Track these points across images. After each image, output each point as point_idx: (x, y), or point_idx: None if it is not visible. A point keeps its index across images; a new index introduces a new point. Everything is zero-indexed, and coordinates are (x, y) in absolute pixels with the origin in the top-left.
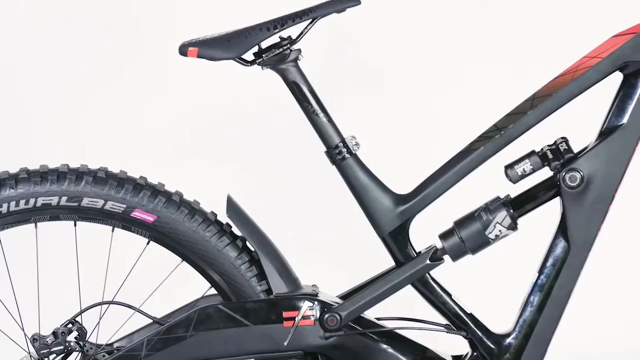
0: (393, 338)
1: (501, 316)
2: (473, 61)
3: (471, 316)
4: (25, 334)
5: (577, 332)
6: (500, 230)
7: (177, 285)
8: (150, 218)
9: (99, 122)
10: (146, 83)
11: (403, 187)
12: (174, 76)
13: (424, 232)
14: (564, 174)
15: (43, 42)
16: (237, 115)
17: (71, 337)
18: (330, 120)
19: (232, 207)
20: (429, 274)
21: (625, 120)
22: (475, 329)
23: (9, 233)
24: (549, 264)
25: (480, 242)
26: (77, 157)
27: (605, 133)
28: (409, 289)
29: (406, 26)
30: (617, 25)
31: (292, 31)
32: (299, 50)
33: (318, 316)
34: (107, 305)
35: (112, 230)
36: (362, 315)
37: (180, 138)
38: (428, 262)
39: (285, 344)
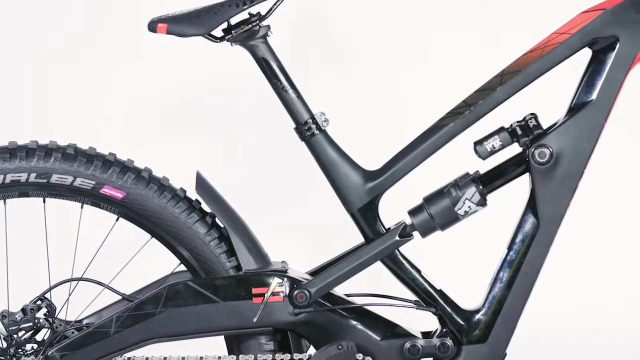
0: (362, 314)
1: (470, 292)
2: (441, 35)
3: (440, 292)
4: None
5: (546, 308)
6: (469, 207)
7: (147, 262)
8: (119, 194)
9: (68, 99)
10: (115, 59)
11: (372, 163)
12: (143, 53)
13: (394, 209)
14: (533, 150)
15: (9, 16)
16: (207, 91)
17: (40, 314)
18: (299, 96)
19: (202, 184)
20: (398, 251)
21: (594, 96)
22: (445, 305)
23: None
24: (518, 240)
25: (450, 218)
26: (46, 133)
27: (574, 109)
28: (378, 266)
29: (373, 1)
30: (587, 1)
31: (261, 7)
32: (268, 27)
33: (287, 292)
34: (76, 281)
35: (81, 207)
36: (331, 291)
37: (150, 115)
38: (397, 238)
39: (255, 320)
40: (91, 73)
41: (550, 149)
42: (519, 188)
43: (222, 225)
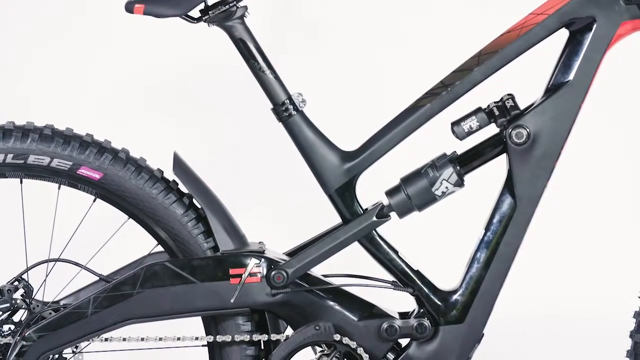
0: (340, 295)
1: (448, 273)
2: (417, 15)
3: (418, 273)
4: None
5: (523, 288)
6: (446, 187)
7: (124, 243)
8: (96, 175)
9: (45, 79)
10: (92, 40)
11: (350, 144)
12: (119, 33)
13: (371, 189)
14: (510, 130)
15: None
16: (184, 72)
17: (17, 295)
18: (276, 77)
19: (179, 165)
20: (375, 231)
21: (571, 77)
22: (422, 285)
23: None
24: (495, 220)
25: (427, 199)
26: (23, 114)
27: (551, 90)
28: (355, 246)
29: None
30: None
31: None
32: (245, 7)
33: (265, 273)
34: (54, 262)
35: (59, 188)
36: (308, 272)
37: (127, 95)
38: (374, 219)
39: (232, 301)
40: (68, 54)
41: (528, 130)
42: (496, 169)
43: (199, 206)
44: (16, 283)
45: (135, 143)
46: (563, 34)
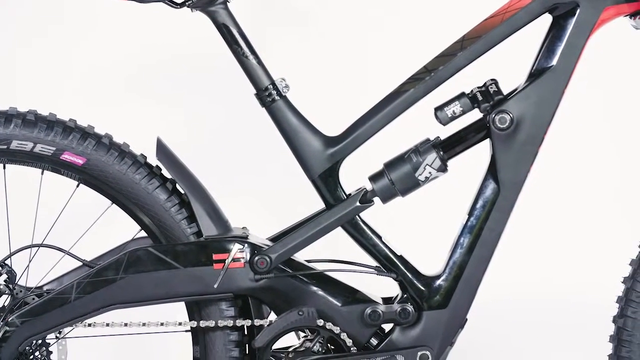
0: (323, 280)
1: (431, 258)
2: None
3: (401, 258)
4: None
5: (507, 273)
6: (430, 172)
7: (107, 228)
8: (79, 161)
9: (27, 64)
10: (75, 26)
11: (333, 129)
12: (103, 19)
13: (355, 175)
14: (493, 115)
15: None
16: (167, 58)
17: (0, 280)
18: (259, 62)
19: (162, 150)
20: (359, 216)
21: (554, 62)
22: (405, 271)
23: None
24: (478, 205)
25: (410, 184)
26: (6, 99)
27: (534, 75)
28: (339, 232)
29: None
30: None
31: None
32: None
33: (248, 258)
34: (37, 247)
35: (42, 173)
36: (292, 257)
37: (110, 80)
38: (358, 204)
39: (216, 286)
40: (50, 39)
41: (511, 115)
42: (480, 154)
43: (182, 192)
44: None
45: (119, 128)
46: (546, 19)
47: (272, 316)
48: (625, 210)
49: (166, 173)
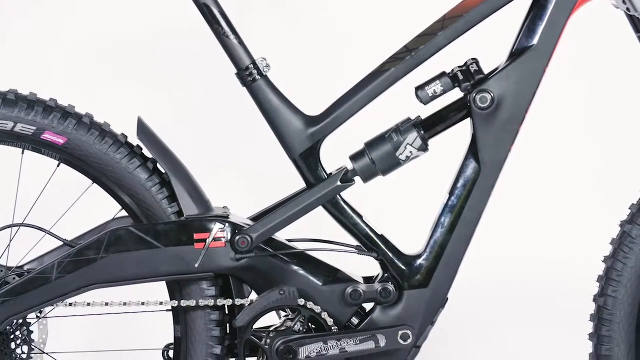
0: (304, 260)
1: (412, 238)
2: None
3: (382, 237)
4: None
5: (487, 252)
6: (410, 151)
7: (88, 208)
8: (60, 140)
9: (7, 43)
10: (56, 5)
11: (314, 108)
12: None
13: (335, 154)
14: (474, 95)
15: None
16: (147, 38)
17: None
18: (240, 41)
19: (143, 129)
20: (339, 196)
21: (535, 41)
22: (386, 250)
23: None
24: (459, 185)
25: (391, 163)
26: None
27: (515, 54)
28: (320, 211)
29: None
30: None
31: None
32: None
33: (229, 238)
34: (17, 227)
35: (22, 153)
36: (273, 236)
37: (90, 60)
38: (339, 183)
39: (196, 265)
40: (32, 19)
41: (492, 94)
42: (461, 133)
43: (163, 171)
44: None
45: (99, 108)
46: None
47: (253, 295)
48: (607, 189)
49: (147, 152)
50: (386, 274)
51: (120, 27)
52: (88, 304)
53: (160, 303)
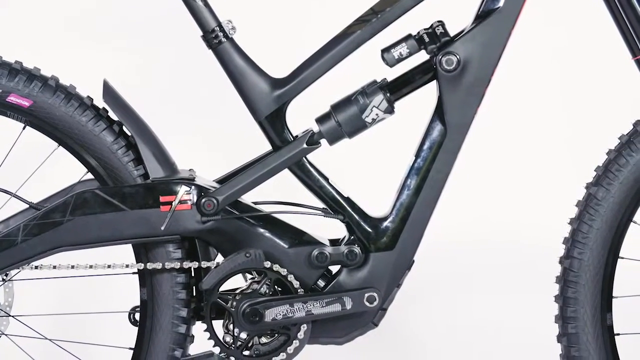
0: (270, 222)
1: (378, 200)
2: None
3: (348, 200)
4: None
5: (453, 215)
6: (377, 114)
7: (54, 170)
8: (26, 103)
9: None
10: None
11: (280, 71)
12: None
13: (302, 117)
14: (440, 57)
15: None
16: (115, 0)
17: None
18: (206, 4)
19: (109, 92)
20: (305, 158)
21: (501, 3)
22: (353, 212)
23: None
24: (425, 147)
25: (357, 126)
26: None
27: (481, 17)
28: (286, 174)
29: None
30: None
31: None
32: None
33: (195, 201)
34: None
35: None
36: (239, 199)
37: (56, 22)
38: (305, 145)
39: (163, 228)
40: None
41: (458, 56)
42: (427, 95)
43: (129, 134)
44: None
45: (65, 71)
46: None
47: (219, 258)
48: (572, 151)
49: (113, 115)
50: (352, 237)
51: None
52: (54, 267)
53: (127, 266)
